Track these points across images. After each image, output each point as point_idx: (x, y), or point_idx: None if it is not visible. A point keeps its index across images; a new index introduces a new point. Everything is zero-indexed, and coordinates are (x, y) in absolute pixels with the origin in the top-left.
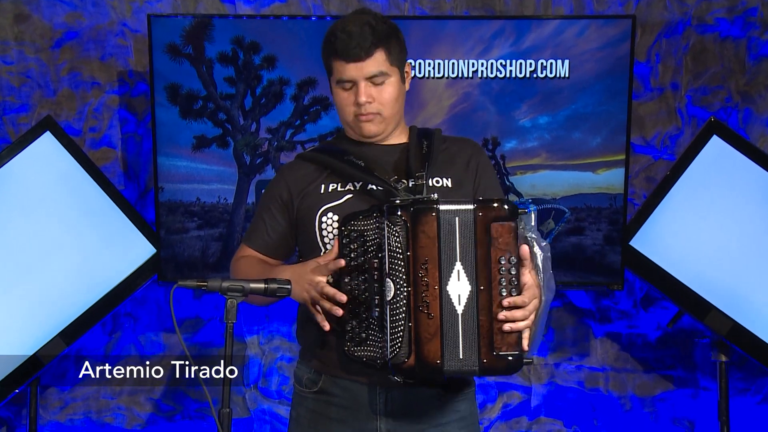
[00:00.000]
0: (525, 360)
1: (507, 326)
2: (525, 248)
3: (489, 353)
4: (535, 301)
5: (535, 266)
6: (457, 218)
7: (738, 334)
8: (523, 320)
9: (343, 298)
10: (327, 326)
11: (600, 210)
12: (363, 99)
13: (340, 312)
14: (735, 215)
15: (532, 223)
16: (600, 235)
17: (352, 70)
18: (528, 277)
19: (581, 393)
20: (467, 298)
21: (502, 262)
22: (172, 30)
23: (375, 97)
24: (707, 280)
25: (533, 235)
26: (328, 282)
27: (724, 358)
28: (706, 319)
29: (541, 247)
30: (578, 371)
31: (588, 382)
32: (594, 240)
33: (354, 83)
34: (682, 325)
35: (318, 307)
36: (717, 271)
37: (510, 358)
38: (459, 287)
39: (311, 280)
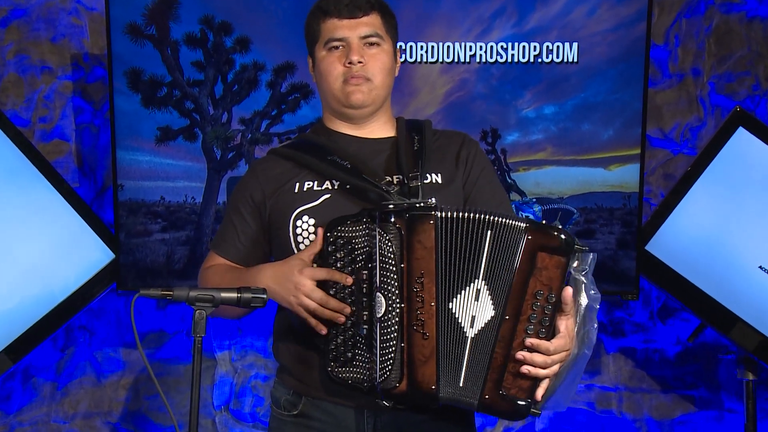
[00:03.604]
0: (532, 410)
1: (525, 369)
2: (568, 291)
3: (494, 390)
4: (563, 354)
5: (576, 314)
6: (489, 232)
7: (767, 350)
8: (542, 367)
9: (346, 309)
10: (324, 330)
11: (612, 211)
12: (355, 57)
13: (342, 319)
14: (763, 216)
15: (587, 266)
16: (612, 239)
17: (346, 28)
18: (563, 324)
19: (592, 415)
20: (485, 323)
21: (539, 297)
22: (133, 8)
23: (367, 60)
24: (732, 289)
25: (584, 279)
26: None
27: (751, 377)
28: (732, 332)
29: (589, 295)
30: (588, 391)
31: (599, 403)
32: (606, 244)
33: (346, 44)
34: (704, 340)
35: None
36: (743, 279)
37: (518, 402)
38: (475, 308)
39: (299, 283)
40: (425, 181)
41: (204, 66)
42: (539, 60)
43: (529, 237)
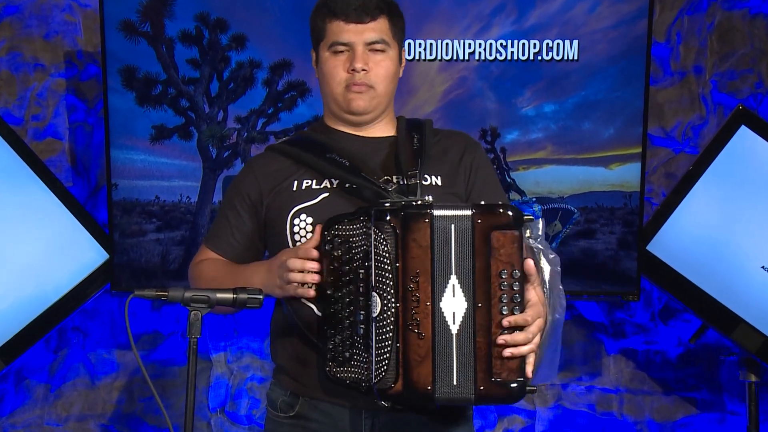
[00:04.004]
0: (528, 388)
1: (508, 351)
2: (530, 262)
3: (486, 379)
4: (540, 321)
5: (542, 281)
6: (453, 225)
7: None
8: (525, 343)
9: (314, 253)
10: (312, 293)
11: (613, 210)
12: (359, 65)
13: (316, 278)
14: (766, 216)
15: (539, 232)
16: (613, 239)
17: (352, 32)
18: (532, 293)
19: (592, 418)
20: (463, 317)
21: (504, 276)
22: (127, 5)
23: (372, 67)
24: (735, 289)
25: (540, 246)
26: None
27: (754, 378)
28: (734, 333)
29: (549, 260)
30: (589, 393)
31: (600, 406)
32: (606, 244)
33: (350, 48)
34: (706, 341)
35: (298, 286)
36: (746, 280)
37: (511, 385)
38: (454, 304)
39: (284, 265)
40: (425, 183)
41: (199, 63)
42: (539, 58)
43: (479, 221)
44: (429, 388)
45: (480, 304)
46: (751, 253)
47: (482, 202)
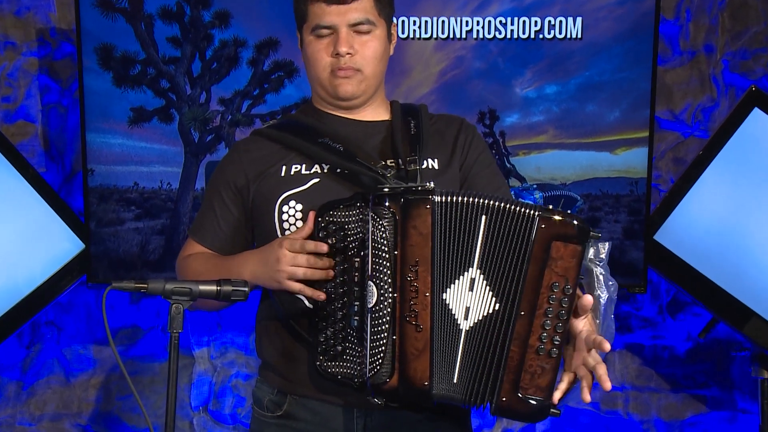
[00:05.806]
0: (552, 411)
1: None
2: (588, 299)
3: (511, 392)
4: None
5: (595, 310)
6: (484, 217)
7: None
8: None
9: (324, 248)
10: (323, 296)
11: (619, 197)
12: (344, 49)
13: (332, 274)
14: None
15: (602, 255)
16: (619, 228)
17: (334, 14)
18: (581, 323)
19: (596, 416)
20: (483, 316)
21: (555, 290)
22: None
23: (357, 49)
24: (747, 281)
25: (602, 271)
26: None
27: (766, 375)
28: (746, 328)
29: (606, 287)
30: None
31: (604, 404)
32: (612, 233)
33: (334, 30)
34: (716, 336)
35: (300, 284)
36: (759, 271)
37: (533, 404)
38: (470, 299)
39: (280, 255)
40: (422, 167)
41: (180, 42)
42: (540, 36)
43: (543, 226)
44: (426, 383)
45: (523, 313)
46: (764, 242)
47: (551, 207)
